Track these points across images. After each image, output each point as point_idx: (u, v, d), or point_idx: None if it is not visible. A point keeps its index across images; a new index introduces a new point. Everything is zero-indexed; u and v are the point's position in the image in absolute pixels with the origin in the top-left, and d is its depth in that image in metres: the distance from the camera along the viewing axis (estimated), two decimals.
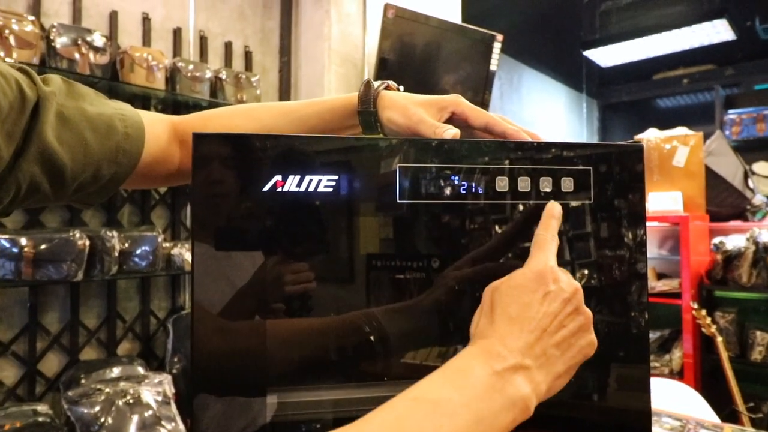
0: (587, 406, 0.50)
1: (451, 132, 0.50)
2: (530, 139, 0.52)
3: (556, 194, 0.49)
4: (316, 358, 0.45)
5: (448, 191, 0.47)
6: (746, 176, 2.62)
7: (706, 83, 5.07)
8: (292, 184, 0.43)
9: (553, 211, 0.46)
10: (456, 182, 0.47)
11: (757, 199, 2.64)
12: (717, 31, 3.70)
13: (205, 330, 0.42)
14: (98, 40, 1.83)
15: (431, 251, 0.47)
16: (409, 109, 0.54)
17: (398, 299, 0.46)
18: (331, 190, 0.44)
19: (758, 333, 2.32)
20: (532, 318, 0.40)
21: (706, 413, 1.65)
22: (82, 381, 1.74)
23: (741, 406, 2.05)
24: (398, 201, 0.46)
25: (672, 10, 3.88)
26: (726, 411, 2.03)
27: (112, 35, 1.98)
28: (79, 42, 1.79)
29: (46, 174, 0.48)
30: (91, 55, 1.82)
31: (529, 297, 0.41)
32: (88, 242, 1.73)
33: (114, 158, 0.54)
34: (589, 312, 0.43)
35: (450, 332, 0.47)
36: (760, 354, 2.30)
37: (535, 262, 0.43)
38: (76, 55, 1.78)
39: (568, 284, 0.42)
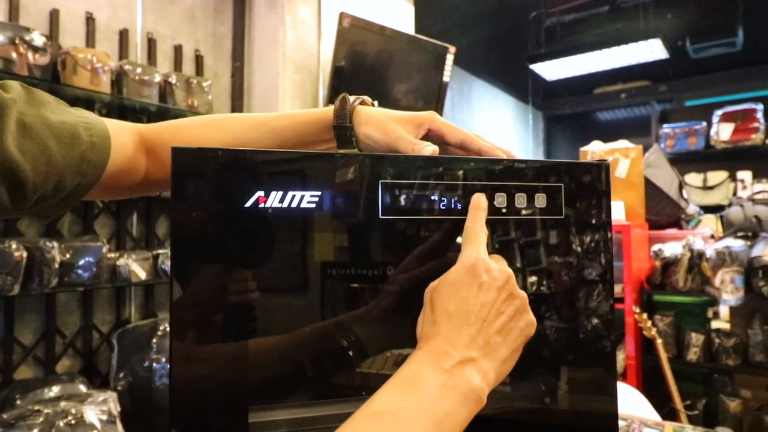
0: (557, 412, 0.52)
1: (430, 149, 0.51)
2: (505, 157, 0.54)
3: (530, 209, 0.51)
4: (296, 376, 0.45)
5: (428, 207, 0.48)
6: (681, 187, 2.79)
7: (642, 98, 5.37)
8: (274, 200, 0.42)
9: (479, 202, 0.47)
10: (436, 198, 0.48)
11: (691, 209, 2.81)
12: (652, 50, 3.93)
13: (186, 355, 0.40)
14: (38, 39, 1.73)
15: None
16: (387, 126, 0.54)
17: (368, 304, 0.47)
18: (314, 206, 0.44)
19: (693, 334, 2.46)
20: (471, 311, 0.42)
21: (649, 412, 1.74)
22: (18, 402, 1.62)
23: (679, 404, 2.17)
24: (380, 217, 0.46)
25: (610, 28, 4.09)
26: (666, 409, 2.14)
27: (52, 35, 1.88)
28: (17, 41, 1.69)
29: (6, 185, 0.45)
30: (30, 55, 1.72)
31: (465, 291, 0.42)
32: (25, 254, 1.63)
33: (78, 169, 0.51)
34: (523, 294, 0.44)
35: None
36: (695, 354, 2.44)
37: (466, 255, 0.44)
38: (13, 55, 1.68)
39: (500, 272, 0.43)
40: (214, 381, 0.41)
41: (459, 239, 0.48)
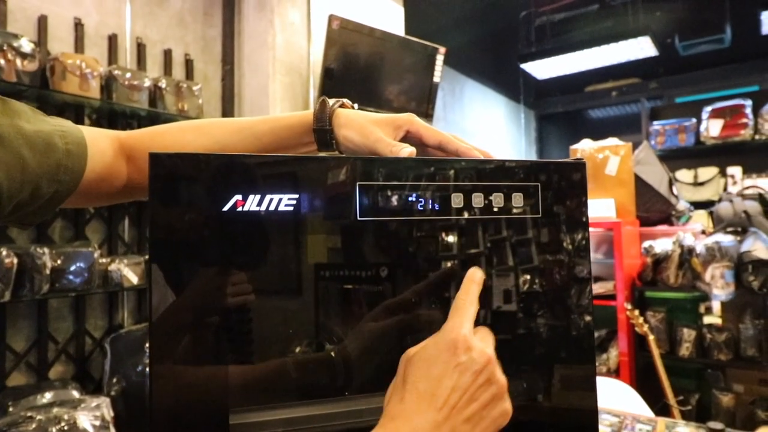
0: (539, 408, 0.53)
1: (408, 150, 0.52)
2: (482, 157, 0.54)
3: (507, 209, 0.51)
4: (277, 379, 0.45)
5: (406, 208, 0.48)
6: (671, 183, 2.80)
7: (632, 96, 5.40)
8: (252, 203, 0.43)
9: (475, 276, 0.46)
10: (413, 199, 0.48)
11: (681, 205, 2.83)
12: (641, 47, 3.96)
13: (166, 358, 0.40)
14: (26, 45, 1.73)
15: (393, 267, 0.48)
16: (366, 128, 0.55)
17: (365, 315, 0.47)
18: (291, 209, 0.44)
19: (685, 330, 2.48)
20: (441, 394, 0.39)
21: (641, 408, 1.75)
22: (10, 409, 1.62)
23: (672, 399, 2.18)
24: (358, 218, 0.47)
25: (600, 26, 4.11)
26: (659, 405, 2.15)
27: (41, 41, 1.87)
28: (5, 47, 1.68)
29: None
30: (18, 62, 1.72)
31: (440, 369, 0.40)
32: (16, 260, 1.62)
33: (55, 176, 0.52)
34: (503, 380, 0.42)
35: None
36: (687, 350, 2.46)
37: (449, 328, 0.42)
38: (1, 61, 1.68)
39: (481, 353, 0.41)
40: (194, 383, 0.42)
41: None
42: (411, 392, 0.40)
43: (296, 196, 0.44)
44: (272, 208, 0.44)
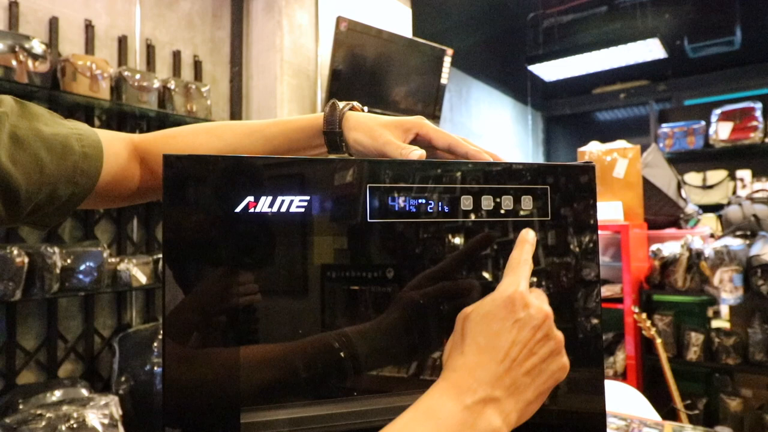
0: (547, 411, 0.53)
1: (417, 153, 0.52)
2: (491, 160, 0.55)
3: (516, 212, 0.52)
4: (288, 378, 0.46)
5: (415, 210, 0.49)
6: (679, 186, 2.79)
7: (640, 98, 5.38)
8: (264, 204, 0.43)
9: (527, 236, 0.47)
10: (423, 201, 0.49)
11: (690, 208, 2.82)
12: (650, 50, 3.94)
13: (179, 357, 0.41)
14: (37, 47, 1.75)
15: (402, 269, 0.48)
16: (375, 131, 0.55)
17: (375, 317, 0.47)
18: (302, 210, 0.45)
19: (693, 334, 2.46)
20: (501, 348, 0.40)
21: (648, 412, 1.74)
22: (20, 406, 1.64)
23: (679, 403, 2.16)
24: (368, 220, 0.47)
25: (609, 28, 4.10)
26: (666, 409, 2.14)
27: (52, 42, 1.89)
28: (17, 49, 1.70)
29: (0, 195, 0.46)
30: (30, 63, 1.74)
31: (499, 325, 0.41)
32: (26, 259, 1.64)
33: (71, 178, 0.53)
34: (560, 336, 0.43)
35: (412, 350, 0.48)
36: (695, 354, 2.44)
37: (505, 286, 0.43)
38: (13, 63, 1.70)
39: (539, 310, 0.42)
40: (206, 382, 0.42)
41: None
42: (471, 346, 0.41)
43: (308, 197, 0.45)
44: (284, 209, 0.44)
